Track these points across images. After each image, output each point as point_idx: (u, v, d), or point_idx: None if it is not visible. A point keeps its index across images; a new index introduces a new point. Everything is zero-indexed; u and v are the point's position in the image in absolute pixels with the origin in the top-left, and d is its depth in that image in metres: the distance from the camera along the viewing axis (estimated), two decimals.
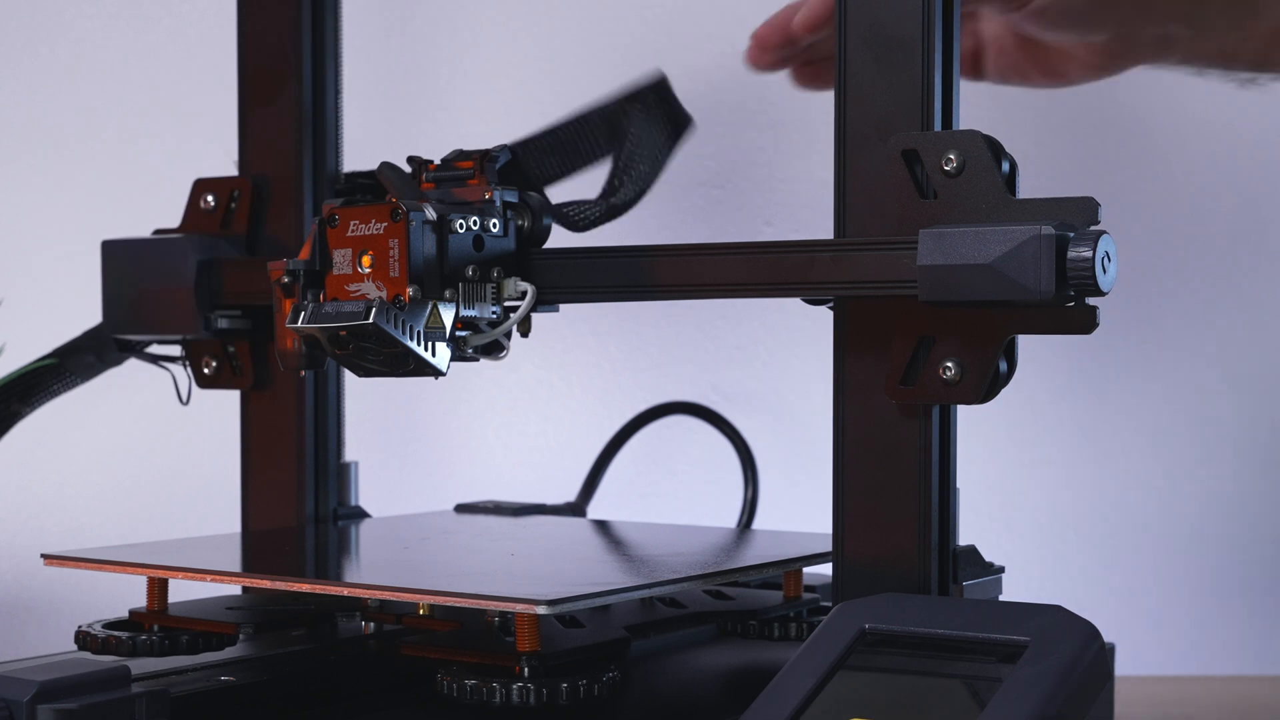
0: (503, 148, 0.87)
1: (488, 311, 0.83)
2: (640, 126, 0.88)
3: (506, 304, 0.84)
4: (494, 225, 0.83)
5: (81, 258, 1.12)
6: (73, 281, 1.23)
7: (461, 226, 0.81)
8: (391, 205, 0.80)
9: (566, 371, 1.36)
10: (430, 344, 0.80)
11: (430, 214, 0.80)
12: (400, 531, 0.97)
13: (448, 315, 0.81)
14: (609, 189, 0.88)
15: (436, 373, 0.81)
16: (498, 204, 0.84)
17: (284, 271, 0.82)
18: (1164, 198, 1.34)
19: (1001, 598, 0.80)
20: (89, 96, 1.35)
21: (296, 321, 0.80)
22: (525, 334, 0.85)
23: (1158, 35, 0.97)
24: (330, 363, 0.99)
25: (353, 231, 0.81)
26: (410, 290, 0.79)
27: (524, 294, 0.84)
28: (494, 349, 0.85)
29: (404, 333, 0.79)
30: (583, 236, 0.89)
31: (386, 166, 0.85)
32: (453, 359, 0.82)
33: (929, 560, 0.76)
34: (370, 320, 0.78)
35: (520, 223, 0.85)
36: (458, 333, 0.82)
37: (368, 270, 0.80)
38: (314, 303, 0.81)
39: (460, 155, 0.86)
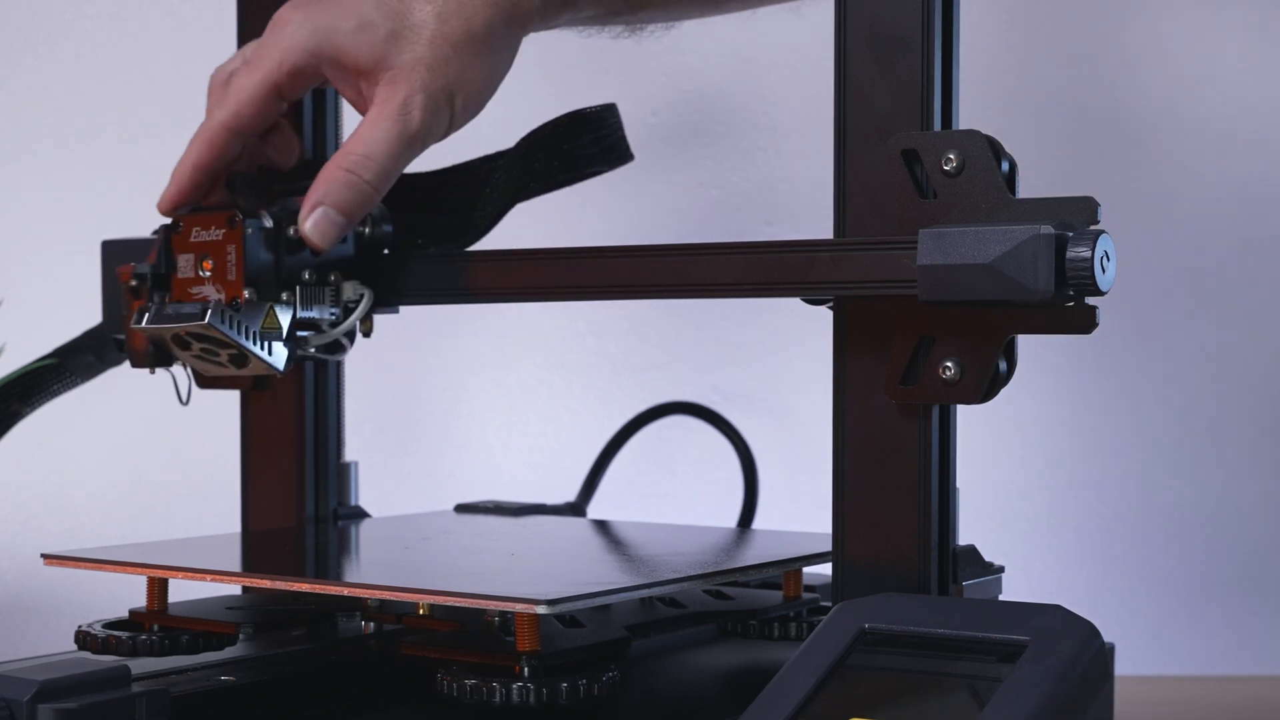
0: None
1: (327, 313, 0.87)
2: (502, 176, 0.91)
3: (348, 304, 0.88)
4: None
5: (81, 258, 1.12)
6: (73, 281, 1.23)
7: (296, 233, 0.84)
8: (229, 212, 0.85)
9: (566, 371, 1.36)
10: (266, 343, 0.85)
11: (267, 221, 0.85)
12: (400, 531, 0.97)
13: (284, 317, 0.85)
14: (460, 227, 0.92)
15: (275, 370, 0.85)
16: None
17: (132, 275, 0.87)
18: (1164, 197, 1.34)
19: (1001, 597, 0.80)
20: (89, 96, 1.35)
21: (140, 322, 0.85)
22: (367, 333, 0.89)
23: None
24: (331, 363, 0.99)
25: (195, 237, 0.85)
26: (246, 293, 0.84)
27: (361, 296, 0.88)
28: (335, 348, 0.89)
29: (239, 333, 0.83)
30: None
31: (235, 176, 0.88)
32: (291, 358, 0.86)
33: (929, 560, 0.76)
34: (206, 321, 0.83)
35: (361, 229, 0.89)
36: (300, 333, 0.86)
37: (208, 274, 0.85)
38: (158, 305, 0.86)
39: (306, 166, 0.90)
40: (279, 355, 0.85)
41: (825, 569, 0.86)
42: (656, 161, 1.33)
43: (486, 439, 1.35)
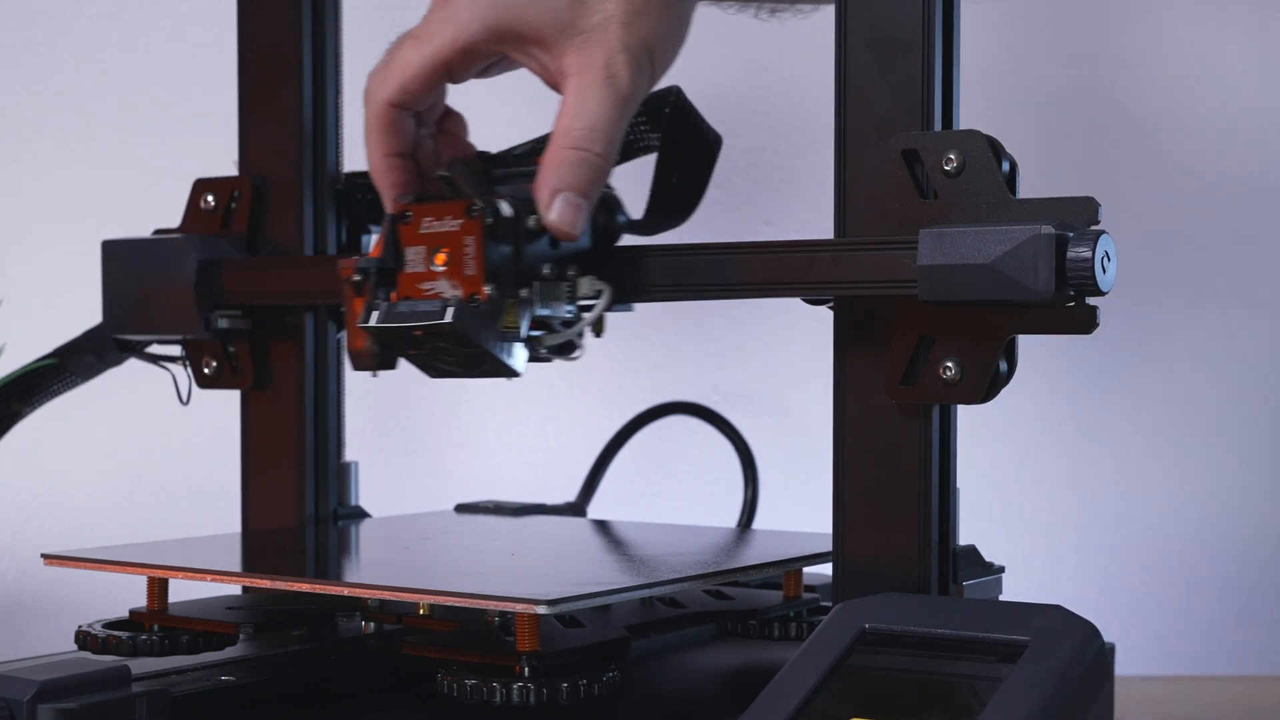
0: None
1: (562, 311, 0.80)
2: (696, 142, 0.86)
3: (580, 303, 0.81)
4: None
5: (81, 258, 1.12)
6: (73, 281, 1.23)
7: (536, 223, 0.78)
8: (467, 201, 0.77)
9: (566, 371, 1.36)
10: (507, 344, 0.78)
11: (506, 210, 0.78)
12: (400, 531, 0.97)
13: (524, 315, 0.78)
14: (676, 201, 0.86)
15: (512, 373, 0.78)
16: None
17: (355, 269, 0.79)
18: (1164, 197, 1.34)
19: (1001, 598, 0.80)
20: (89, 96, 1.35)
21: (369, 321, 0.78)
22: (599, 334, 0.82)
23: None
24: (330, 362, 0.99)
25: (426, 228, 0.78)
26: (487, 289, 0.76)
27: (599, 293, 0.81)
28: (567, 349, 0.82)
29: (481, 333, 0.76)
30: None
31: (457, 163, 0.82)
32: (527, 360, 0.79)
33: (929, 560, 0.76)
34: (449, 320, 0.75)
35: (596, 219, 0.82)
36: (531, 332, 0.79)
37: (442, 268, 0.77)
38: (386, 301, 0.78)
39: (535, 149, 0.83)
40: (519, 357, 0.78)
41: (825, 569, 0.86)
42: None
43: (486, 439, 1.35)
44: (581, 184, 0.77)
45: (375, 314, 0.78)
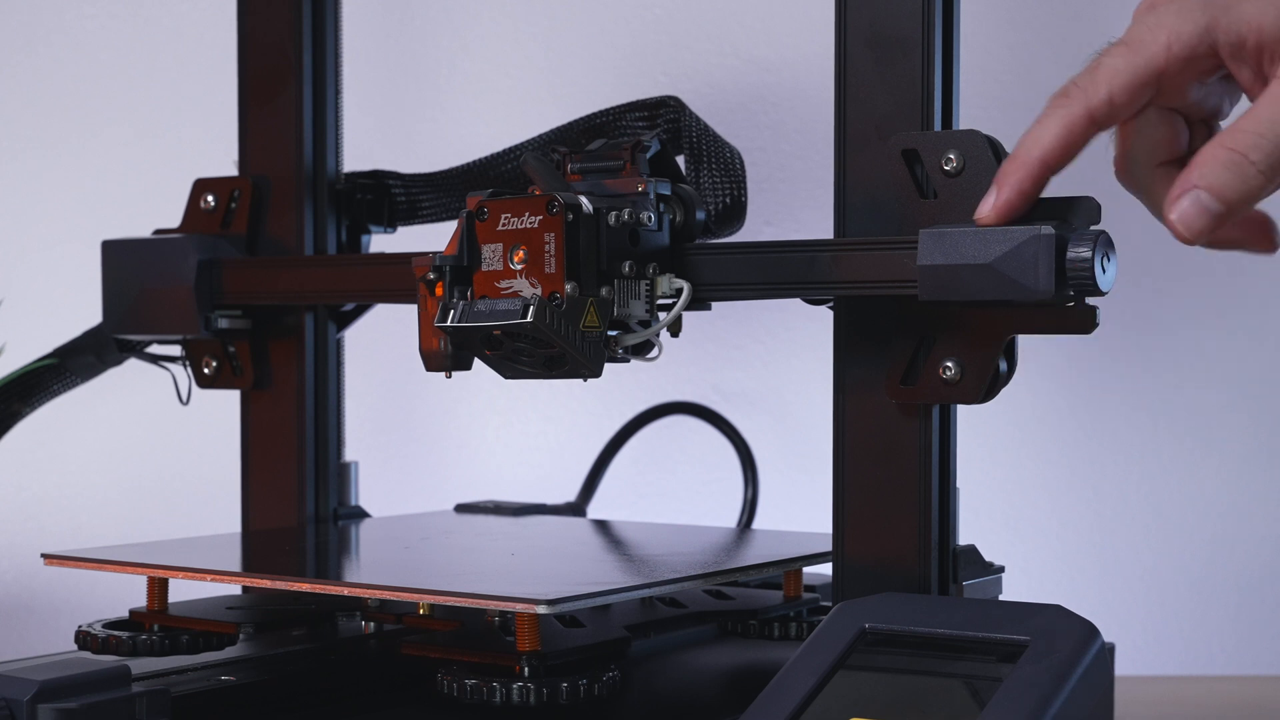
0: (653, 136, 0.82)
1: (640, 310, 0.78)
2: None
3: (657, 302, 0.80)
4: (648, 219, 0.78)
5: (81, 258, 1.12)
6: (73, 281, 1.23)
7: (616, 220, 0.77)
8: (547, 197, 0.75)
9: None
10: (589, 344, 0.75)
11: (587, 206, 0.75)
12: (400, 531, 0.97)
13: (604, 314, 0.76)
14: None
15: (593, 374, 0.76)
16: (651, 196, 0.80)
17: (430, 267, 0.77)
18: None
19: (1001, 597, 0.80)
20: (89, 96, 1.35)
21: (446, 320, 0.76)
22: (676, 334, 0.81)
23: None
24: (330, 361, 0.99)
25: (503, 225, 0.76)
26: (568, 287, 0.74)
27: (678, 291, 0.79)
28: (644, 349, 0.81)
29: (562, 332, 0.74)
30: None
31: (532, 157, 0.79)
32: (605, 360, 0.77)
33: (929, 560, 0.76)
34: (529, 319, 0.73)
35: (673, 216, 0.80)
36: (608, 332, 0.78)
37: (520, 266, 0.75)
38: (464, 300, 0.76)
39: (609, 145, 0.82)
40: (599, 357, 0.76)
41: (825, 569, 0.86)
42: None
43: (486, 439, 1.35)
44: (1220, 188, 0.70)
45: (452, 313, 0.75)
